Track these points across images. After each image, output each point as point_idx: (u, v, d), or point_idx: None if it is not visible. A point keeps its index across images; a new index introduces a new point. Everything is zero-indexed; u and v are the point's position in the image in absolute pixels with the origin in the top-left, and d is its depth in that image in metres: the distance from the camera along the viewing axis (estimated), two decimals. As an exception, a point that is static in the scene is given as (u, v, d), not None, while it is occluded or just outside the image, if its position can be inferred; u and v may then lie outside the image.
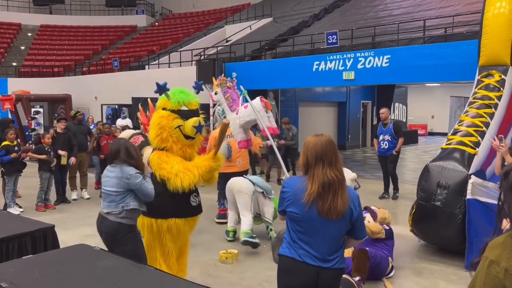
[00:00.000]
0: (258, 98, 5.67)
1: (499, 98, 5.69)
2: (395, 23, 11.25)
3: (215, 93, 6.09)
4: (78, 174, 8.27)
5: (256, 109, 5.35)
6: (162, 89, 3.50)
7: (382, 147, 7.93)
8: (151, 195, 3.31)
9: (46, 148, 7.23)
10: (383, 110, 8.11)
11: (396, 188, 8.11)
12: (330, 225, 2.27)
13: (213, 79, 6.60)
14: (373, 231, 4.37)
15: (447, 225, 4.75)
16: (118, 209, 3.25)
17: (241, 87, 6.04)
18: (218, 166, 3.55)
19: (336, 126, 17.27)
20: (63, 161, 7.51)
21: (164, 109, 3.51)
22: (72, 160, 7.63)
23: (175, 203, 3.48)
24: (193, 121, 3.45)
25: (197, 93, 3.83)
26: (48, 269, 2.64)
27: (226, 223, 5.89)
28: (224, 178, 5.76)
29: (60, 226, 6.00)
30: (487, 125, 5.38)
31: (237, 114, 5.69)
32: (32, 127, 14.41)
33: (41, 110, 15.71)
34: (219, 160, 3.55)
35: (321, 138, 2.33)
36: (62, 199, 7.83)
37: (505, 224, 1.92)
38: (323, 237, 2.28)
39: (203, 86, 4.03)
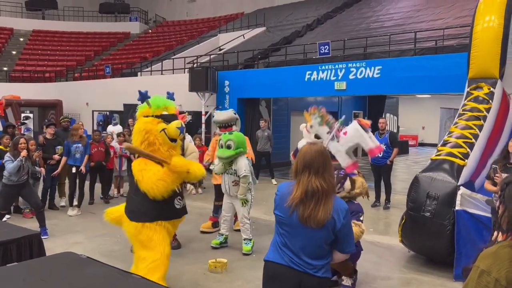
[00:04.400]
0: (356, 122, 5.40)
1: (488, 110, 5.76)
2: (386, 35, 11.39)
3: (311, 126, 5.65)
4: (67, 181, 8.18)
5: (360, 134, 4.79)
6: (144, 97, 3.74)
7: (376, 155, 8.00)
8: (7, 169, 5.84)
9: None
10: (382, 120, 8.26)
11: (388, 199, 8.16)
12: (310, 232, 2.27)
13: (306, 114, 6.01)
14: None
15: (436, 236, 4.76)
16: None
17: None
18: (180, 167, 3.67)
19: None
20: (59, 151, 7.50)
21: (146, 116, 3.75)
22: (54, 156, 7.49)
23: (160, 207, 3.71)
24: (175, 123, 3.71)
25: None
26: (33, 277, 2.60)
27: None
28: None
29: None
30: (476, 136, 5.43)
31: (338, 142, 5.44)
32: (22, 132, 14.27)
33: (31, 115, 15.59)
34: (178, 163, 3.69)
35: (312, 147, 2.35)
36: (49, 205, 7.73)
37: (496, 236, 1.93)
38: (303, 243, 2.29)
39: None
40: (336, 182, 4.03)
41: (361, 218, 4.15)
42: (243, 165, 5.33)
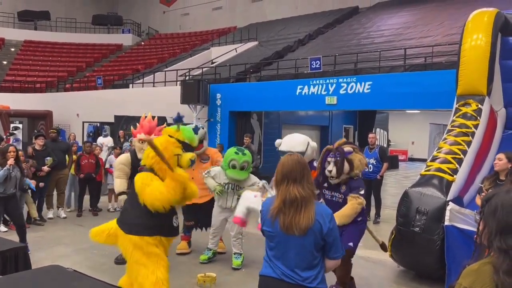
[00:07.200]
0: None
1: (476, 126, 5.84)
2: (377, 51, 11.54)
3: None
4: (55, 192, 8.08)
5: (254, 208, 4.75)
6: (179, 119, 3.99)
7: (366, 170, 8.04)
8: None
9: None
10: (371, 135, 8.36)
11: (378, 213, 8.18)
12: (296, 240, 2.27)
13: None
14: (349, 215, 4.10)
15: (425, 251, 4.77)
16: None
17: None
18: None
19: (319, 149, 17.38)
20: (48, 162, 7.35)
21: (170, 136, 3.83)
22: (44, 168, 7.37)
23: (160, 222, 3.64)
24: (190, 155, 3.81)
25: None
26: (18, 291, 2.55)
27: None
28: (199, 207, 5.57)
29: (33, 246, 5.83)
30: (464, 152, 5.49)
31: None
32: (11, 143, 14.10)
33: (20, 126, 15.41)
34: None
35: (289, 158, 2.41)
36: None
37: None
38: (291, 252, 2.29)
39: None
40: (337, 168, 4.08)
41: (361, 192, 4.14)
42: (255, 178, 5.35)
